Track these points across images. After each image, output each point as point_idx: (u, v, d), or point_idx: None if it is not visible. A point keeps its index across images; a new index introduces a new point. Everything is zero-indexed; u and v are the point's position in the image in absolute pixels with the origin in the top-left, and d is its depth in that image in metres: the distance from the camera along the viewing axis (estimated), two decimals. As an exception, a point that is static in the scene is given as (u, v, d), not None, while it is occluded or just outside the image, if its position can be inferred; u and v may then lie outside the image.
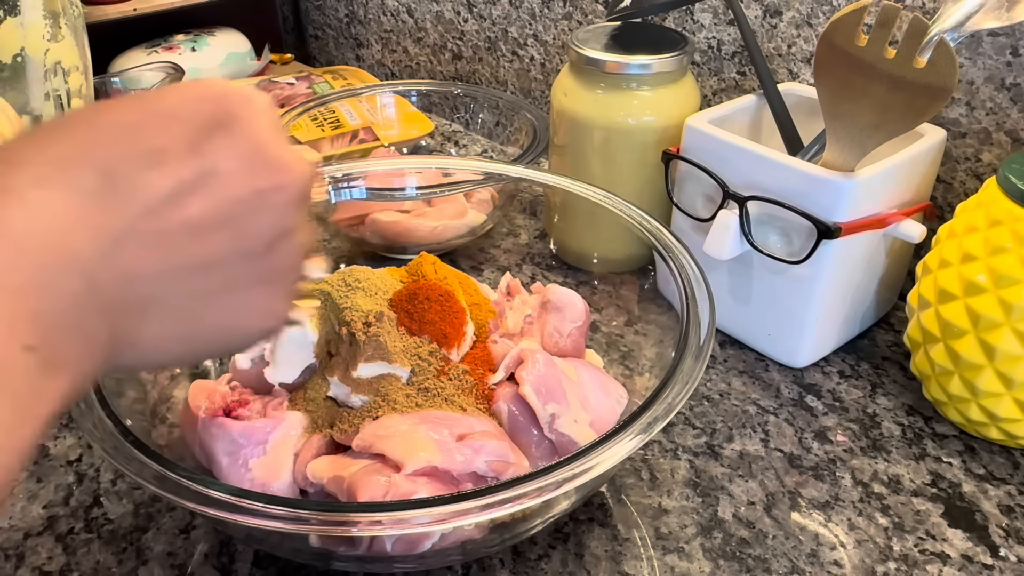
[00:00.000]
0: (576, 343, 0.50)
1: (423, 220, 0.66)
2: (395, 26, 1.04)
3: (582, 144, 0.62)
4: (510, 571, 0.43)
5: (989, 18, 0.46)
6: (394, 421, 0.42)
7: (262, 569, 0.43)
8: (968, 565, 0.43)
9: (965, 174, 0.58)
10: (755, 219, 0.52)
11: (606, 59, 0.58)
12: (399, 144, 0.85)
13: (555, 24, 0.83)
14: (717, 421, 0.53)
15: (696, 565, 0.43)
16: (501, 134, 0.86)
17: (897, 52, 0.46)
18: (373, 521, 0.32)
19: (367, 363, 0.43)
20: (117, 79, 0.81)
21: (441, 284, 0.48)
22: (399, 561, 0.41)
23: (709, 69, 0.71)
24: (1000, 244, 0.45)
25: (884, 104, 0.47)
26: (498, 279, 0.64)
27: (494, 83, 0.94)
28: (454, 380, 0.45)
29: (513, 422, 0.44)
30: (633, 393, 0.49)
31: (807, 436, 0.51)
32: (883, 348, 0.59)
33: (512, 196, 0.70)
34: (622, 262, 0.58)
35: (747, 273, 0.55)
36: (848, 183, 0.48)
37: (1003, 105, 0.55)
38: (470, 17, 0.93)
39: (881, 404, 0.54)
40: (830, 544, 0.44)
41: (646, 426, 0.36)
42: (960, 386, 0.48)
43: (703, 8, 0.69)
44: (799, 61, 0.64)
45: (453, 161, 0.65)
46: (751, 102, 0.60)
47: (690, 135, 0.56)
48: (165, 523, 0.46)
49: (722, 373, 0.57)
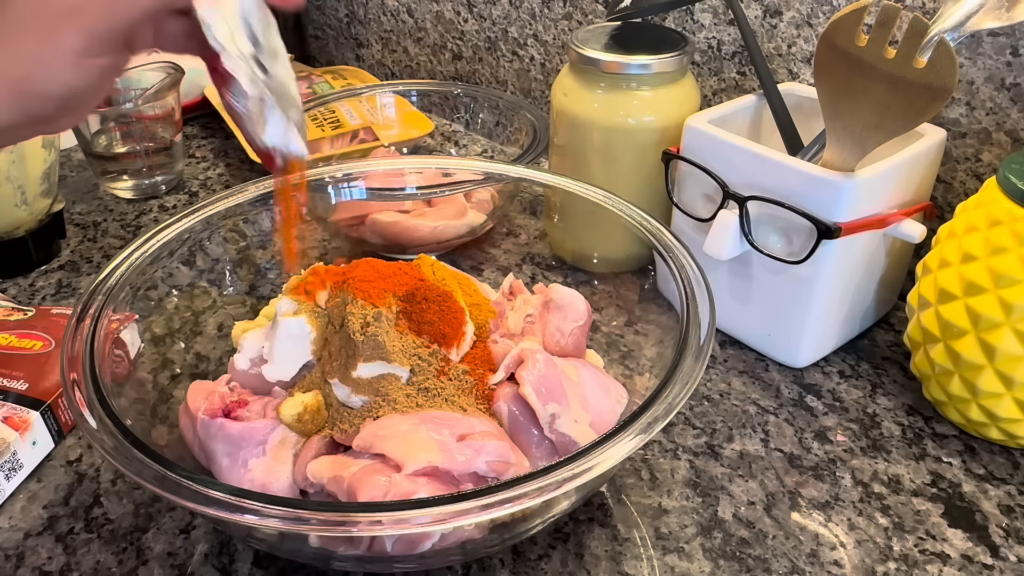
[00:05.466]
0: (577, 342, 0.50)
1: (423, 220, 0.66)
2: (395, 26, 1.04)
3: (582, 144, 0.62)
4: (510, 571, 0.43)
5: (989, 18, 0.46)
6: (394, 421, 0.42)
7: (262, 569, 0.43)
8: (968, 565, 0.43)
9: (965, 174, 0.58)
10: (755, 219, 0.52)
11: (606, 59, 0.58)
12: (399, 144, 0.85)
13: (555, 24, 0.83)
14: (717, 421, 0.53)
15: (696, 565, 0.43)
16: (501, 134, 0.86)
17: (897, 52, 0.46)
18: (373, 521, 0.32)
19: (366, 363, 0.43)
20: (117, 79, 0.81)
21: (440, 284, 0.48)
22: (399, 561, 0.41)
23: (709, 69, 0.71)
24: (1000, 244, 0.45)
25: (884, 104, 0.47)
26: (498, 279, 0.64)
27: (494, 83, 0.94)
28: (454, 380, 0.45)
29: (513, 422, 0.44)
30: (633, 393, 0.49)
31: (807, 436, 0.51)
32: (883, 348, 0.59)
33: (512, 196, 0.70)
34: (622, 262, 0.58)
35: (747, 273, 0.55)
36: (848, 183, 0.48)
37: (1003, 105, 0.55)
38: (470, 17, 0.93)
39: (881, 404, 0.54)
40: (830, 544, 0.44)
41: (646, 426, 0.36)
42: (960, 386, 0.48)
43: (703, 8, 0.69)
44: (799, 61, 0.64)
45: (453, 161, 0.65)
46: (751, 102, 0.60)
47: (690, 135, 0.56)
48: (165, 523, 0.46)
49: (722, 373, 0.57)
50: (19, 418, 0.49)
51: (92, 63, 0.34)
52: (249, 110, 0.38)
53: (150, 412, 0.46)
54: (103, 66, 0.34)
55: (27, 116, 0.34)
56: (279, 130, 0.39)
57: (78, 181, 0.84)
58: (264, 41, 0.38)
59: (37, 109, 0.34)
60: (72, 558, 0.44)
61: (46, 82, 0.33)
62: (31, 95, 0.33)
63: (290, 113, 0.40)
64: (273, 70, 0.39)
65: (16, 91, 0.33)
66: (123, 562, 0.44)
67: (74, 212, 0.78)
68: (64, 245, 0.73)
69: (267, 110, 0.39)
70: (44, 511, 0.47)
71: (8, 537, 0.45)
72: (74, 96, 0.34)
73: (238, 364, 0.46)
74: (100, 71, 0.34)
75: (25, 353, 0.54)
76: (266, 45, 0.38)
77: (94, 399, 0.38)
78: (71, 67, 0.33)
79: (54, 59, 0.33)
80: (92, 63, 0.34)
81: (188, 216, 0.52)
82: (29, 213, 0.67)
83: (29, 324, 0.56)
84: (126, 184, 0.80)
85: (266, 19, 0.39)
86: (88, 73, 0.34)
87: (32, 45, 0.33)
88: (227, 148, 0.91)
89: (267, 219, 0.58)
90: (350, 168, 0.60)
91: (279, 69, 0.39)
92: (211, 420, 0.43)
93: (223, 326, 0.54)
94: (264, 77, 0.38)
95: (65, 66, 0.33)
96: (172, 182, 0.82)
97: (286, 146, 0.40)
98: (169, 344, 0.51)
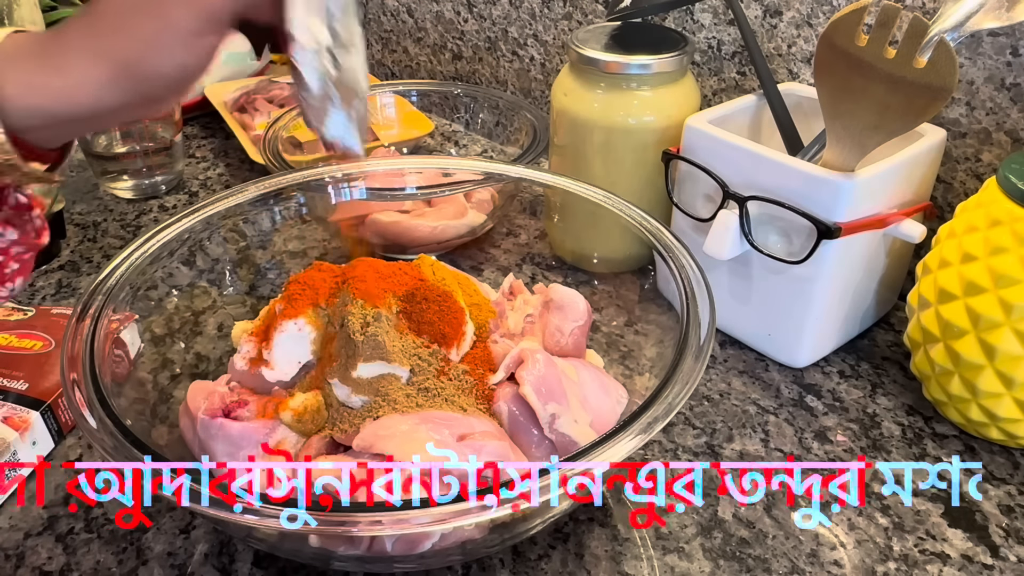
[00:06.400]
0: (577, 342, 0.50)
1: (423, 220, 0.66)
2: (395, 26, 1.04)
3: (582, 144, 0.62)
4: (510, 571, 0.43)
5: (989, 18, 0.46)
6: (394, 421, 0.42)
7: (262, 569, 0.43)
8: (968, 565, 0.43)
9: (965, 174, 0.58)
10: (755, 219, 0.52)
11: (606, 59, 0.58)
12: (399, 144, 0.85)
13: (555, 24, 0.83)
14: (717, 421, 0.53)
15: (696, 565, 0.43)
16: (501, 134, 0.86)
17: (897, 52, 0.46)
18: (373, 521, 0.32)
19: (366, 363, 0.43)
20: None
21: (440, 284, 0.48)
22: (399, 561, 0.41)
23: (709, 69, 0.71)
24: (1000, 244, 0.45)
25: (884, 104, 0.47)
26: (498, 279, 0.64)
27: (494, 83, 0.94)
28: (454, 380, 0.45)
29: (513, 422, 0.44)
30: (633, 393, 0.49)
31: (807, 436, 0.51)
32: (883, 348, 0.59)
33: (512, 196, 0.70)
34: (622, 262, 0.58)
35: (747, 273, 0.55)
36: (848, 183, 0.48)
37: (1003, 105, 0.55)
38: (470, 17, 0.93)
39: (881, 404, 0.54)
40: (830, 544, 0.44)
41: (646, 426, 0.36)
42: (960, 386, 0.48)
43: (703, 8, 0.69)
44: (799, 61, 0.64)
45: (453, 161, 0.65)
46: (751, 102, 0.60)
47: (690, 135, 0.56)
48: (165, 523, 0.46)
49: (722, 373, 0.57)
50: (19, 418, 0.49)
51: (203, 42, 0.35)
52: (311, 104, 0.38)
53: (150, 412, 0.46)
54: (213, 44, 0.35)
55: (140, 96, 0.35)
56: (339, 127, 0.39)
57: (78, 181, 0.84)
58: (341, 29, 0.37)
59: (150, 89, 0.34)
60: (72, 558, 0.44)
61: (160, 63, 0.34)
62: (145, 76, 0.34)
63: (354, 105, 0.39)
64: (345, 62, 0.38)
65: (132, 72, 0.34)
66: (123, 562, 0.44)
67: (74, 212, 0.78)
68: (64, 245, 0.73)
69: (331, 107, 0.38)
70: (44, 511, 0.47)
71: (8, 537, 0.45)
72: (184, 75, 0.35)
73: (238, 364, 0.46)
74: (210, 49, 0.35)
75: (25, 353, 0.54)
76: (343, 33, 0.38)
77: (94, 399, 0.38)
78: (184, 47, 0.34)
79: (168, 40, 0.34)
80: (203, 42, 0.35)
81: (188, 216, 0.52)
82: (29, 213, 0.67)
83: (29, 324, 0.56)
84: (126, 184, 0.80)
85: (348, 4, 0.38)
86: (200, 52, 0.35)
87: (147, 26, 0.33)
88: (227, 148, 0.91)
89: (267, 219, 0.58)
90: (350, 168, 0.60)
91: (352, 60, 0.38)
92: (211, 420, 0.43)
93: (223, 326, 0.54)
94: (335, 72, 0.38)
95: (178, 46, 0.34)
96: (172, 182, 0.82)
97: (344, 142, 0.40)
98: (169, 344, 0.51)
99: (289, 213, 0.59)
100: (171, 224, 0.51)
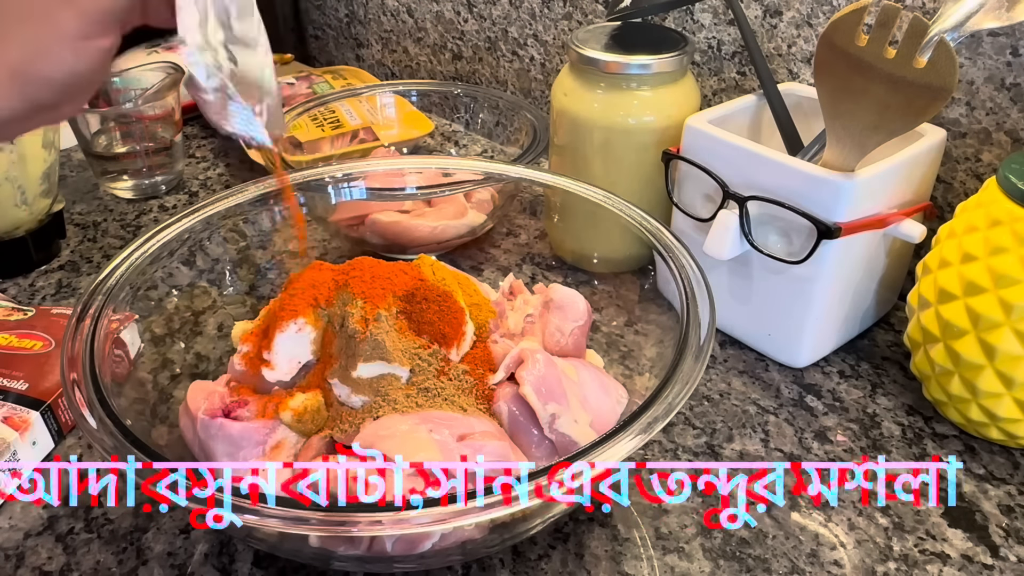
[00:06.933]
0: (577, 342, 0.50)
1: (423, 220, 0.66)
2: (395, 26, 1.04)
3: (582, 144, 0.62)
4: (510, 571, 0.43)
5: (989, 18, 0.46)
6: (394, 421, 0.42)
7: (262, 569, 0.43)
8: (968, 565, 0.43)
9: (965, 174, 0.58)
10: (755, 219, 0.52)
11: (606, 59, 0.58)
12: (399, 144, 0.85)
13: (555, 24, 0.83)
14: (717, 421, 0.53)
15: (696, 565, 0.43)
16: (501, 134, 0.86)
17: (897, 52, 0.46)
18: (373, 521, 0.32)
19: (366, 363, 0.43)
20: (117, 79, 0.81)
21: (440, 284, 0.48)
22: (399, 561, 0.41)
23: (709, 69, 0.71)
24: (1000, 244, 0.45)
25: (884, 104, 0.47)
26: (498, 279, 0.64)
27: (494, 83, 0.94)
28: (454, 380, 0.45)
29: (513, 422, 0.44)
30: (633, 393, 0.49)
31: (807, 436, 0.51)
32: (883, 348, 0.59)
33: (512, 196, 0.70)
34: (622, 262, 0.58)
35: (747, 273, 0.55)
36: (848, 183, 0.48)
37: (1003, 105, 0.55)
38: (470, 17, 0.93)
39: (881, 404, 0.54)
40: (830, 544, 0.44)
41: (646, 426, 0.36)
42: (960, 386, 0.48)
43: (703, 8, 0.69)
44: (799, 61, 0.64)
45: (453, 161, 0.65)
46: (751, 102, 0.60)
47: (690, 135, 0.56)
48: (165, 523, 0.46)
49: (722, 373, 0.57)
50: (19, 418, 0.49)
51: (91, 45, 0.34)
52: (207, 100, 0.39)
53: (150, 412, 0.46)
54: (102, 47, 0.35)
55: (31, 103, 0.34)
56: (242, 122, 0.40)
57: (78, 181, 0.84)
58: (239, 28, 0.38)
59: (40, 96, 0.34)
60: (72, 558, 0.44)
61: (48, 67, 0.34)
62: (33, 81, 0.34)
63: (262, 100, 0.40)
64: (245, 60, 0.39)
65: (19, 79, 0.33)
66: (123, 562, 0.44)
67: (74, 212, 0.78)
68: (64, 245, 0.73)
69: (231, 103, 0.39)
70: (44, 511, 0.47)
71: (8, 537, 0.45)
72: (75, 80, 0.35)
73: (238, 364, 0.46)
74: (99, 53, 0.35)
75: (25, 353, 0.54)
76: (241, 33, 0.38)
77: (94, 399, 0.38)
78: (72, 52, 0.34)
79: (55, 44, 0.33)
80: (91, 45, 0.34)
81: (188, 216, 0.52)
82: (29, 213, 0.67)
83: (29, 324, 0.56)
84: (126, 184, 0.80)
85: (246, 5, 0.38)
86: (88, 55, 0.34)
87: (32, 31, 0.33)
88: (227, 148, 0.91)
89: (267, 219, 0.58)
90: (350, 168, 0.60)
91: (254, 58, 0.39)
92: (211, 420, 0.43)
93: (223, 326, 0.54)
94: (233, 68, 0.38)
95: (67, 51, 0.34)
96: (172, 182, 0.82)
97: (250, 136, 0.40)
98: (169, 344, 0.51)
99: (289, 213, 0.59)
100: (171, 224, 0.51)
